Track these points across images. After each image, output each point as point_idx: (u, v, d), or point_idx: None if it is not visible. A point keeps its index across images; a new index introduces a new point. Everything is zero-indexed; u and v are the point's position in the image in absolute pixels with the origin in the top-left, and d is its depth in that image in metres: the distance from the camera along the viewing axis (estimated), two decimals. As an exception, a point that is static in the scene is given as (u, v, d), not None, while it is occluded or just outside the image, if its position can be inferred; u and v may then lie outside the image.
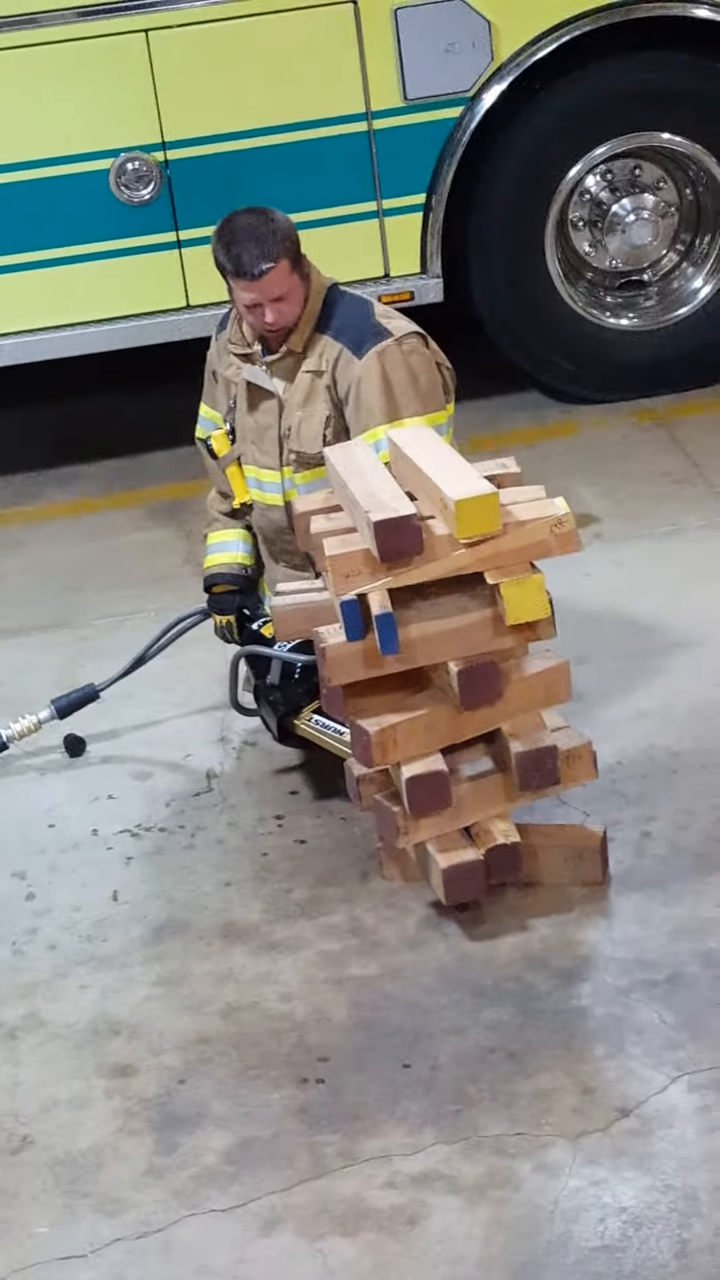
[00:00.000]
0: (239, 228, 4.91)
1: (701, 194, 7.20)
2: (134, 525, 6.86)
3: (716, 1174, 3.70)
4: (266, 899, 4.71)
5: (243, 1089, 4.09)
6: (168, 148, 6.71)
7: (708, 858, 4.63)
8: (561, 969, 4.33)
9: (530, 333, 7.18)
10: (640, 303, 7.34)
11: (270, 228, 4.88)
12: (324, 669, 4.40)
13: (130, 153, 6.69)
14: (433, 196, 6.84)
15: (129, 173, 6.71)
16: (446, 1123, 3.92)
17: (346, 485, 4.46)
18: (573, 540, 4.35)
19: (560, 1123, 3.88)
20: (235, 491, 5.23)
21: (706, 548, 6.14)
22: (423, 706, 4.43)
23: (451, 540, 4.29)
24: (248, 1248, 3.69)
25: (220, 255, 4.92)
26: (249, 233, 4.87)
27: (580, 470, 6.74)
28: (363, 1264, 3.62)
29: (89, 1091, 4.15)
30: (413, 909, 4.59)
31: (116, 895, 4.80)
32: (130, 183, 6.73)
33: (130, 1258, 3.70)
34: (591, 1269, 3.54)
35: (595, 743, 4.60)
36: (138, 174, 6.72)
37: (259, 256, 4.84)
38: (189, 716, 5.54)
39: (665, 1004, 4.16)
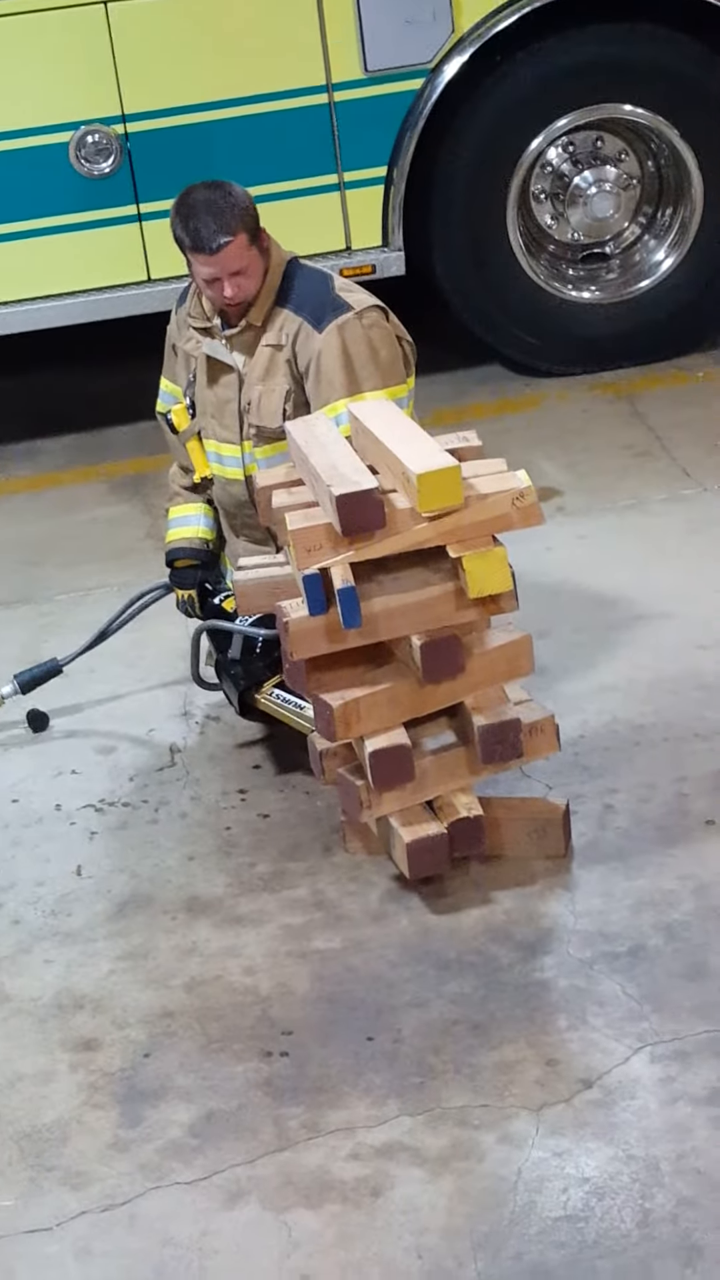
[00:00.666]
0: (197, 202, 4.89)
1: (663, 166, 7.20)
2: (96, 500, 6.85)
3: (678, 1144, 3.72)
4: (230, 873, 4.72)
5: (207, 1062, 4.10)
6: (128, 120, 6.69)
7: (669, 830, 4.65)
8: (524, 941, 4.34)
9: (492, 306, 7.19)
10: (602, 276, 7.35)
11: (228, 201, 4.87)
12: (286, 643, 4.41)
13: (90, 125, 6.67)
14: (394, 169, 6.83)
15: (89, 145, 6.69)
16: (410, 1095, 3.94)
17: (308, 459, 4.45)
18: (535, 513, 4.35)
19: (523, 1094, 3.90)
20: (195, 466, 5.22)
21: (668, 521, 6.16)
22: (385, 680, 4.44)
23: (413, 514, 4.29)
24: (212, 1220, 3.70)
25: (178, 229, 4.91)
26: (207, 207, 4.86)
27: (542, 443, 6.75)
28: (327, 1235, 3.63)
29: (54, 1065, 4.15)
30: (376, 882, 4.60)
31: (80, 870, 4.80)
32: (90, 156, 6.71)
33: (95, 1230, 3.71)
34: (554, 1239, 3.56)
35: (558, 716, 4.61)
36: (98, 147, 6.69)
37: (217, 231, 4.83)
38: (152, 691, 5.54)
39: (627, 976, 4.19)
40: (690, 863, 4.51)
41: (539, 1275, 3.48)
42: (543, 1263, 3.51)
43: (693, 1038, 3.98)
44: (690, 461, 6.51)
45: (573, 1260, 3.50)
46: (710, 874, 4.47)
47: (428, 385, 6.96)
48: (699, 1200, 3.59)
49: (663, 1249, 3.50)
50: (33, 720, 5.42)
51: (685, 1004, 4.08)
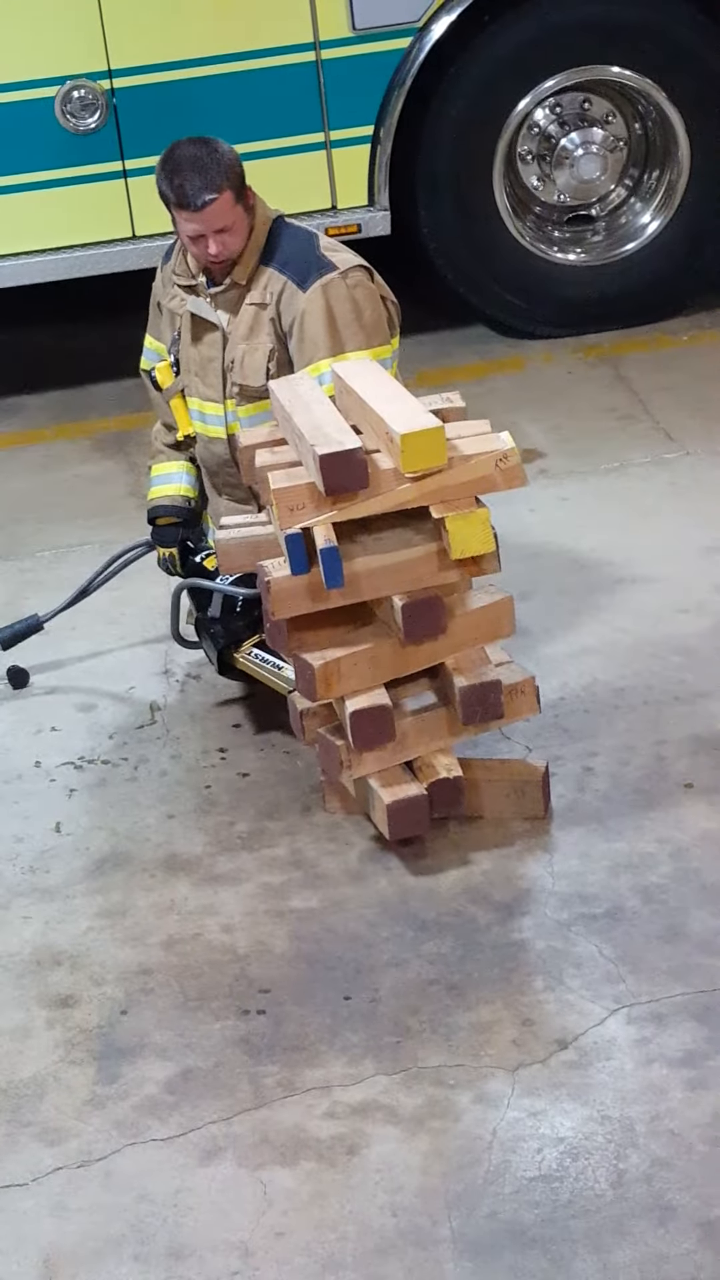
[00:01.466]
0: (182, 158, 4.86)
1: (650, 129, 7.18)
2: (80, 457, 6.83)
3: (653, 1105, 3.74)
4: (209, 831, 4.72)
5: (184, 1020, 4.11)
6: (114, 76, 6.64)
7: (648, 793, 4.66)
8: (502, 902, 4.36)
9: (477, 267, 7.16)
10: (588, 238, 7.33)
11: (214, 158, 4.84)
12: (268, 603, 4.40)
13: (76, 80, 6.63)
14: (381, 128, 6.79)
15: (75, 101, 6.65)
16: (386, 1054, 3.95)
17: (291, 418, 4.44)
18: (518, 475, 4.35)
19: (499, 1054, 3.91)
20: (178, 424, 5.21)
21: (651, 484, 6.16)
22: (367, 640, 4.44)
23: (397, 474, 4.28)
24: (188, 1177, 3.71)
25: (163, 185, 4.88)
26: (192, 163, 4.83)
27: (526, 405, 6.74)
28: (302, 1193, 3.65)
29: (30, 1022, 4.16)
30: (355, 842, 4.60)
31: (59, 827, 4.80)
32: (76, 111, 6.66)
33: (71, 1186, 3.72)
34: (529, 1198, 3.57)
35: (538, 678, 4.61)
36: (84, 102, 6.65)
37: (202, 187, 4.81)
38: (133, 649, 5.53)
39: (604, 938, 4.20)
40: (668, 826, 4.53)
41: (513, 1234, 3.50)
42: (517, 1222, 3.53)
43: (669, 1000, 4.00)
44: (673, 425, 6.51)
45: (547, 1219, 3.52)
46: (688, 837, 4.48)
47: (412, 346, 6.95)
48: (673, 1161, 3.61)
49: (636, 1209, 3.52)
50: (13, 677, 5.41)
51: (662, 966, 4.09)
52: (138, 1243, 3.58)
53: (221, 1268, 3.51)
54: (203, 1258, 3.53)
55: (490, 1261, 3.46)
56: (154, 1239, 3.58)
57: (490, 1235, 3.51)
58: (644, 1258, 3.42)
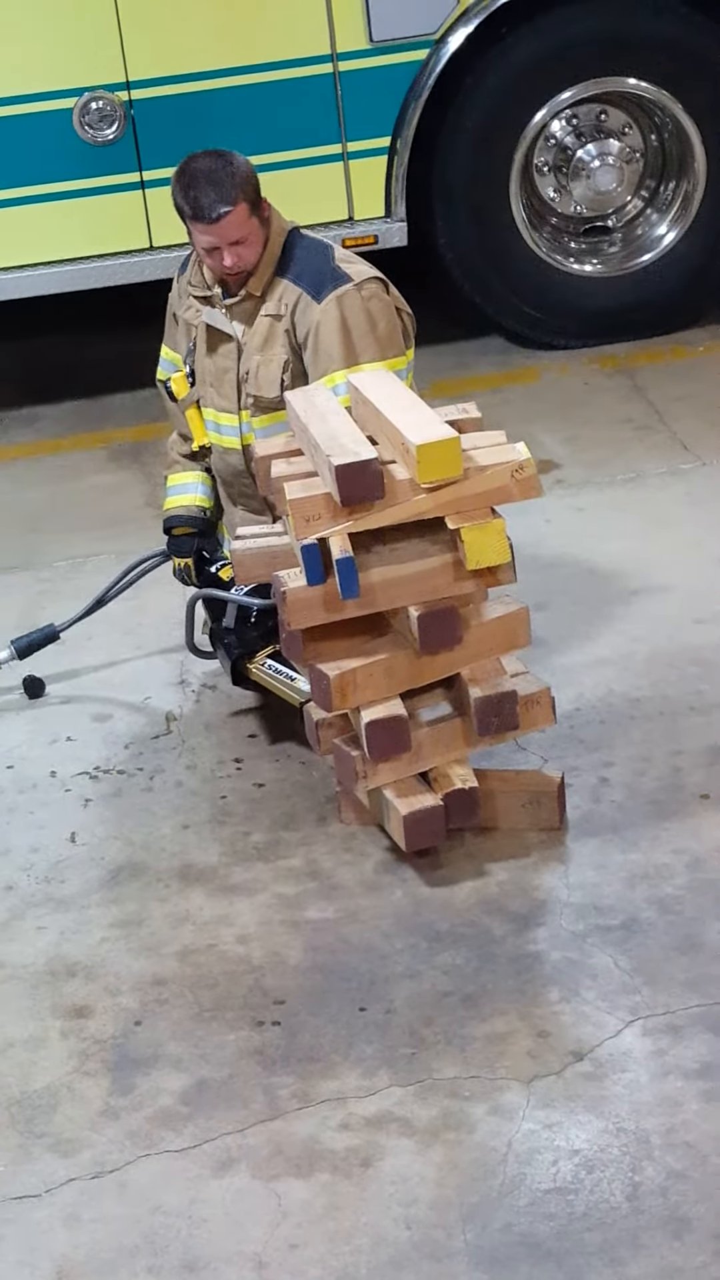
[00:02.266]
0: (197, 170, 4.87)
1: (667, 140, 7.18)
2: (96, 467, 6.84)
3: (668, 1118, 3.73)
4: (224, 842, 4.72)
5: (199, 1030, 4.11)
6: (132, 87, 6.66)
7: (664, 804, 4.65)
8: (518, 913, 4.35)
9: (494, 278, 7.17)
10: (604, 249, 7.33)
11: (229, 171, 4.85)
12: (284, 613, 4.40)
13: (94, 92, 6.65)
14: (398, 140, 6.81)
15: (93, 112, 6.67)
16: (401, 1065, 3.94)
17: (307, 429, 4.44)
18: (534, 485, 4.35)
19: (514, 1066, 3.90)
20: (194, 434, 5.21)
21: (667, 495, 6.15)
22: (382, 651, 4.43)
23: (413, 484, 4.28)
24: (202, 1188, 3.71)
25: (178, 198, 4.89)
26: (207, 176, 4.84)
27: (542, 416, 6.74)
28: (316, 1205, 3.64)
29: (45, 1032, 4.15)
30: (370, 853, 4.60)
31: (74, 837, 4.80)
32: (94, 122, 6.69)
33: (85, 1198, 3.72)
34: (544, 1210, 3.56)
35: (554, 689, 4.61)
36: (102, 113, 6.67)
37: (217, 200, 4.81)
38: (149, 659, 5.53)
39: (620, 949, 4.19)
40: (684, 836, 4.52)
41: (528, 1247, 3.49)
42: (532, 1234, 3.52)
43: (684, 1011, 3.99)
44: (689, 435, 6.51)
45: (562, 1232, 3.51)
46: (704, 848, 4.47)
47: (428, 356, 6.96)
48: (688, 1173, 3.59)
49: (652, 1221, 3.51)
50: (29, 686, 5.42)
51: (678, 977, 4.08)
52: (151, 1254, 3.57)
53: (235, 1279, 3.50)
54: (216, 1269, 3.52)
55: (505, 1274, 3.45)
56: (168, 1250, 3.58)
57: (505, 1248, 3.50)
58: (659, 1271, 3.41)
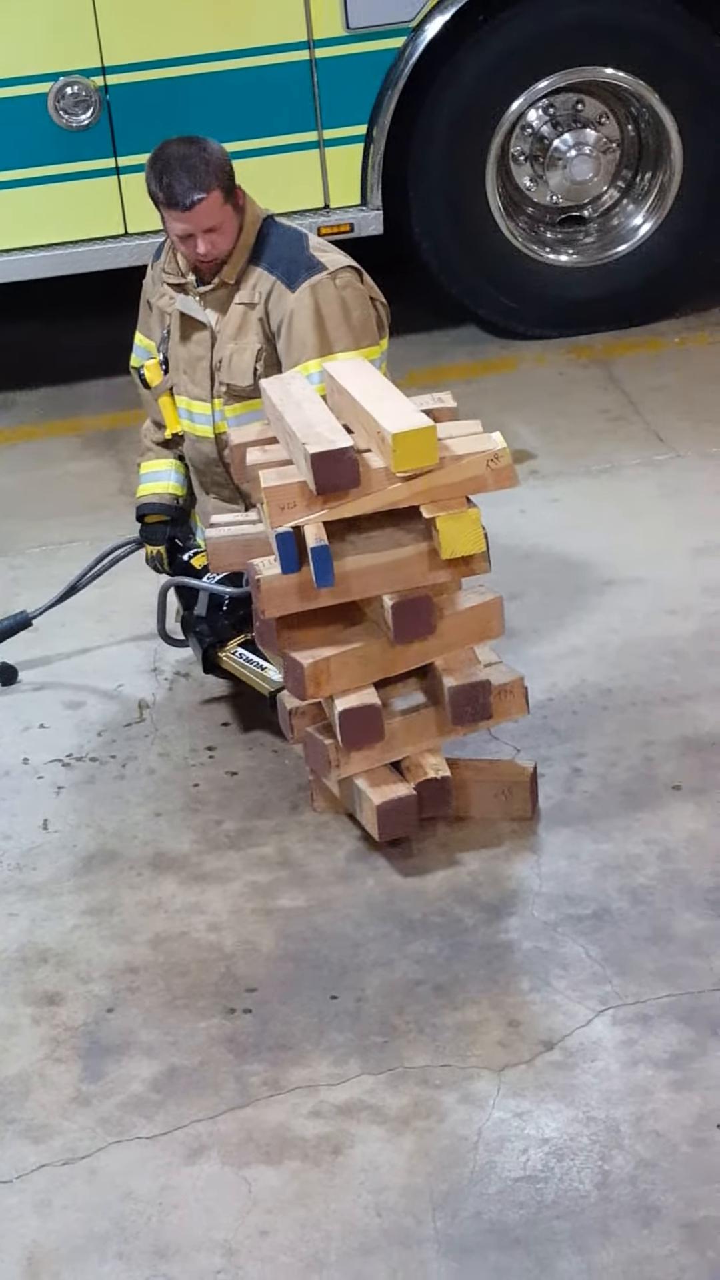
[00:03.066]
0: (171, 157, 4.86)
1: (643, 130, 7.18)
2: (69, 454, 6.82)
3: (638, 1107, 3.74)
4: (197, 830, 4.72)
5: (170, 1018, 4.11)
6: (108, 73, 6.64)
7: (636, 795, 4.66)
8: (489, 903, 4.36)
9: (469, 267, 7.16)
10: (580, 239, 7.33)
11: (203, 158, 4.84)
12: (258, 601, 4.40)
13: (69, 77, 6.62)
14: (374, 127, 6.80)
15: (68, 97, 6.64)
16: (372, 1054, 3.95)
17: (283, 417, 4.44)
18: (509, 475, 4.35)
19: (485, 1055, 3.91)
20: (167, 422, 5.20)
21: (642, 486, 6.16)
22: (356, 640, 4.43)
23: (388, 473, 4.28)
24: (173, 1175, 3.71)
25: (152, 185, 4.88)
26: (181, 162, 4.83)
27: (517, 406, 6.74)
28: (287, 1192, 3.64)
29: (16, 1019, 4.15)
30: (342, 841, 4.60)
31: (46, 824, 4.79)
32: (69, 107, 6.66)
33: (55, 1184, 3.72)
34: (514, 1199, 3.57)
35: (527, 679, 4.61)
36: (77, 99, 6.65)
37: (190, 187, 4.80)
38: (122, 646, 5.53)
39: (591, 939, 4.20)
40: (656, 827, 4.53)
41: (498, 1234, 3.50)
42: (502, 1222, 3.53)
43: (655, 1001, 4.00)
44: (664, 427, 6.51)
45: (532, 1220, 3.52)
46: (675, 839, 4.48)
47: (403, 346, 6.95)
48: (658, 1162, 3.61)
49: (621, 1209, 3.52)
50: (1, 673, 5.40)
51: (648, 967, 4.09)
52: (122, 1240, 3.58)
53: (205, 1266, 3.50)
54: (187, 1256, 3.53)
55: (474, 1261, 3.46)
56: (138, 1237, 3.58)
57: (475, 1235, 3.51)
58: (628, 1259, 3.43)
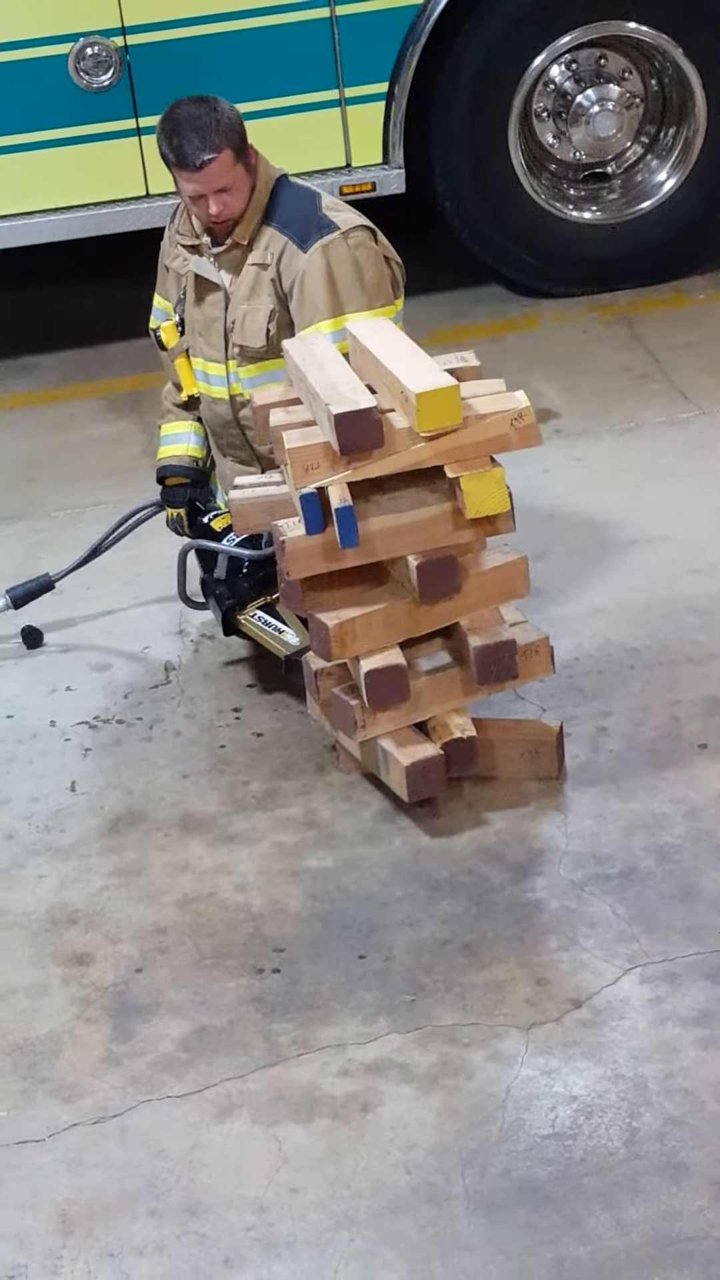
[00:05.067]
0: (181, 118, 4.84)
1: (667, 85, 7.14)
2: (93, 417, 6.82)
3: (666, 1064, 3.75)
4: (224, 791, 4.73)
5: (199, 978, 4.13)
6: (128, 33, 6.62)
7: (662, 754, 4.66)
8: (516, 862, 4.36)
9: (492, 225, 7.14)
10: (603, 196, 7.30)
11: (213, 117, 4.82)
12: (283, 562, 4.40)
13: (90, 37, 6.60)
14: (395, 85, 6.77)
15: (88, 58, 6.63)
16: (400, 1013, 3.96)
17: (306, 378, 4.43)
18: (533, 434, 4.34)
19: (513, 1013, 3.92)
20: (183, 384, 5.20)
21: (666, 444, 6.14)
22: (381, 600, 4.43)
23: (411, 433, 4.28)
24: (203, 1133, 3.73)
25: (163, 145, 4.87)
26: (191, 122, 4.81)
27: (540, 365, 6.72)
28: (316, 1150, 3.66)
29: (46, 979, 4.17)
30: (369, 802, 4.61)
31: (74, 786, 4.81)
32: (90, 68, 6.65)
33: (87, 1142, 3.74)
34: (542, 1156, 3.59)
35: (553, 638, 4.61)
36: (97, 59, 6.63)
37: (200, 147, 4.79)
38: (147, 608, 5.53)
39: (618, 897, 4.20)
40: (683, 786, 4.53)
41: (526, 1191, 3.52)
42: (530, 1179, 3.54)
43: (682, 959, 4.01)
44: (688, 385, 6.49)
45: (560, 1177, 3.54)
46: (702, 797, 4.48)
47: (426, 305, 6.95)
48: (686, 1119, 3.62)
49: (649, 1166, 3.54)
50: (27, 636, 5.42)
51: (675, 926, 4.10)
52: (153, 1198, 3.60)
53: (236, 1223, 3.53)
54: (218, 1213, 3.55)
55: (504, 1218, 3.48)
56: (169, 1195, 3.61)
57: (504, 1192, 3.53)
58: (657, 1215, 3.44)
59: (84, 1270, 3.47)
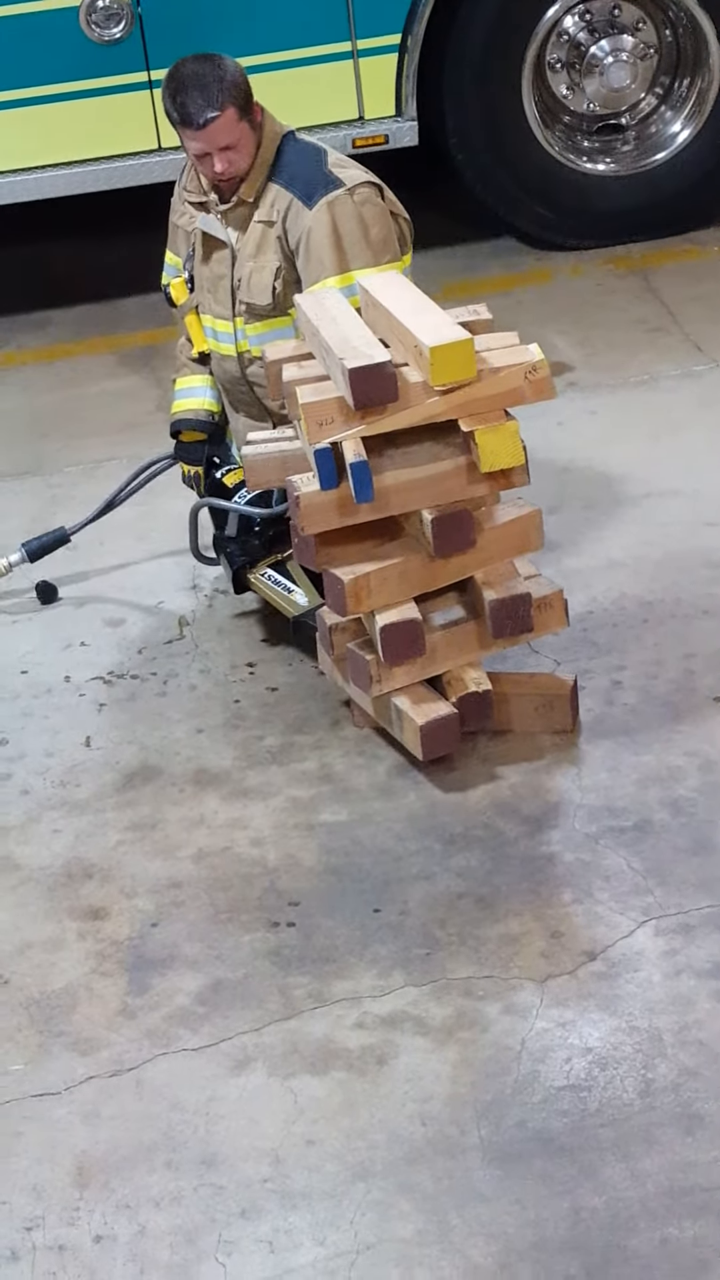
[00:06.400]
0: (185, 75, 4.82)
1: (681, 36, 7.09)
2: (106, 372, 6.81)
3: (680, 1016, 3.76)
4: (238, 746, 4.74)
5: (214, 932, 4.14)
6: (139, -15, 6.59)
7: (676, 706, 4.66)
8: (531, 816, 4.37)
9: (505, 178, 7.10)
10: (617, 147, 7.26)
11: (217, 75, 4.79)
12: (297, 518, 4.39)
13: (101, -11, 6.57)
14: (408, 37, 6.72)
15: (99, 10, 6.59)
16: (415, 966, 3.97)
17: (319, 332, 4.42)
18: (547, 387, 4.33)
19: (528, 966, 3.94)
20: (194, 340, 5.19)
21: (680, 397, 6.12)
22: (396, 555, 4.43)
23: (426, 387, 4.26)
24: (219, 1086, 3.75)
25: (168, 104, 4.84)
26: (195, 80, 4.79)
27: (554, 318, 6.70)
28: (332, 1102, 3.68)
29: (62, 934, 4.19)
30: (383, 756, 4.62)
31: (89, 741, 4.82)
32: (101, 21, 6.61)
33: (103, 1095, 3.76)
34: (557, 1107, 3.60)
35: (567, 592, 4.61)
36: (108, 12, 6.59)
37: (204, 105, 4.77)
38: (160, 563, 5.53)
39: (633, 850, 4.21)
40: (697, 739, 4.53)
41: (542, 1143, 3.53)
42: (545, 1130, 3.56)
43: (697, 911, 4.01)
44: (703, 337, 6.47)
45: (575, 1128, 3.55)
46: (717, 750, 4.48)
47: (439, 258, 6.93)
48: (700, 1070, 3.63)
49: (664, 1118, 3.55)
50: (42, 592, 5.42)
51: (690, 878, 4.11)
52: (169, 1150, 3.62)
53: (252, 1174, 3.54)
54: (234, 1165, 3.57)
55: (519, 1169, 3.49)
56: (185, 1146, 3.62)
57: (519, 1143, 3.54)
58: (671, 1165, 3.45)
59: (101, 1221, 3.49)
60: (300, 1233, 3.43)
